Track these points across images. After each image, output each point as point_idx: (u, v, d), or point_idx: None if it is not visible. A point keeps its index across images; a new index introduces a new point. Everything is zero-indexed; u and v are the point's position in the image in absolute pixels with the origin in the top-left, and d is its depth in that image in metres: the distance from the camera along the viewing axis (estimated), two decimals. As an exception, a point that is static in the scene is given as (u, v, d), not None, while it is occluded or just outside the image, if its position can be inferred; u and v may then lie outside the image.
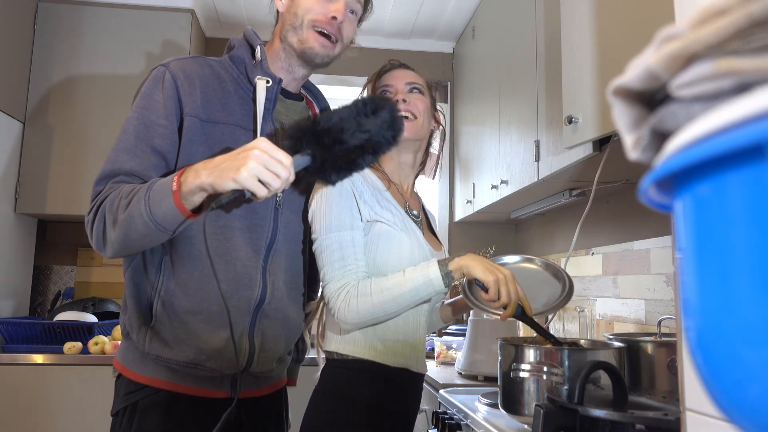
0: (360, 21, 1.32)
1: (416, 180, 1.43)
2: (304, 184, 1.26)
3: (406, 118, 1.29)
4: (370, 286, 1.15)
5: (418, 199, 1.43)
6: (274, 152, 0.97)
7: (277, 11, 1.28)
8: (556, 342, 1.32)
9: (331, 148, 1.06)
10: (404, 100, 1.30)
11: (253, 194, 0.97)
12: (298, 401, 1.55)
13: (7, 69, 2.60)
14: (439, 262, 1.17)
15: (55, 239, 3.04)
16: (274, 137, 1.19)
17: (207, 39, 3.28)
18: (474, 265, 1.16)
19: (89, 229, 1.10)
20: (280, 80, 1.22)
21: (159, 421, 1.12)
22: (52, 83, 2.79)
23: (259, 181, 0.96)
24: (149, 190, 1.02)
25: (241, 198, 0.97)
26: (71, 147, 2.76)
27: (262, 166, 0.95)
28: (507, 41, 2.40)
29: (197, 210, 1.03)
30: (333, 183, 1.16)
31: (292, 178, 0.99)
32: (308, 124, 1.07)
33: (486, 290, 1.17)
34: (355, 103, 1.10)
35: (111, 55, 2.84)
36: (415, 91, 1.34)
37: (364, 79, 3.17)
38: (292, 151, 1.05)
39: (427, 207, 1.49)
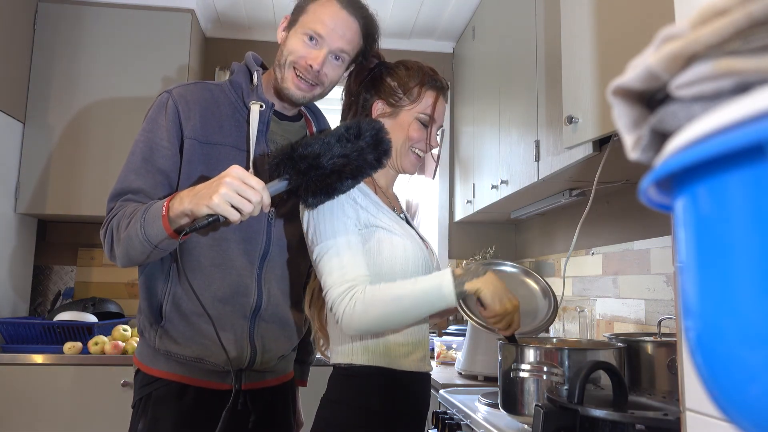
0: (364, 56, 1.33)
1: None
2: (294, 199, 1.29)
3: (420, 156, 1.32)
4: (380, 293, 1.13)
5: (397, 198, 1.43)
6: (246, 178, 1.04)
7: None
8: None
9: (307, 173, 1.10)
10: (431, 143, 1.32)
11: (226, 218, 1.04)
12: (304, 402, 1.55)
13: (7, 69, 2.60)
14: (454, 276, 1.14)
15: (55, 239, 3.04)
16: (265, 159, 1.28)
17: (207, 39, 3.28)
18: (487, 293, 1.14)
19: (103, 242, 1.21)
20: (273, 104, 1.29)
21: (170, 409, 1.23)
22: (52, 83, 2.79)
23: (233, 206, 1.03)
24: (145, 212, 1.11)
25: (216, 222, 1.04)
26: (71, 147, 2.76)
27: (233, 192, 1.02)
28: (507, 41, 2.40)
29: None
30: (310, 206, 1.18)
31: (267, 201, 1.06)
32: (287, 149, 1.12)
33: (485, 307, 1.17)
34: (338, 128, 1.14)
35: (111, 55, 2.84)
36: (441, 131, 1.37)
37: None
38: (273, 175, 1.12)
39: (412, 205, 1.49)
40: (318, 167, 1.10)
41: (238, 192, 1.02)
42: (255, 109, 1.26)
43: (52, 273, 3.03)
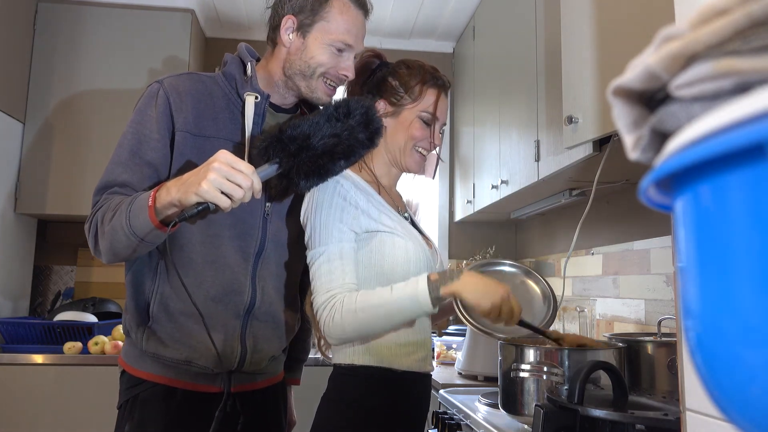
0: None
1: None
2: (293, 192, 1.28)
3: (422, 154, 1.31)
4: (355, 302, 1.12)
5: (401, 197, 1.42)
6: (235, 163, 1.00)
7: (275, 40, 1.27)
8: (557, 340, 1.31)
9: (297, 155, 1.07)
10: (435, 142, 1.32)
11: (216, 206, 1.00)
12: (303, 401, 1.55)
13: (7, 69, 2.60)
14: (430, 281, 1.11)
15: (55, 239, 3.04)
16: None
17: (207, 39, 3.28)
18: (467, 292, 1.10)
19: (87, 237, 1.17)
20: (268, 96, 1.25)
21: (157, 412, 1.20)
22: (52, 83, 2.79)
23: (223, 192, 0.99)
24: (131, 204, 1.07)
25: (206, 210, 1.01)
26: (71, 147, 2.76)
27: (223, 177, 0.99)
28: (507, 41, 2.40)
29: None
30: (303, 189, 1.16)
31: (258, 186, 1.03)
32: (275, 132, 1.09)
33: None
34: (326, 107, 1.12)
35: (111, 55, 2.84)
36: (444, 129, 1.36)
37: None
38: (262, 160, 1.09)
39: (411, 201, 1.48)
40: (308, 148, 1.07)
41: (227, 177, 0.99)
42: (250, 101, 1.22)
43: (52, 273, 3.03)
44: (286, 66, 1.25)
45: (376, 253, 1.20)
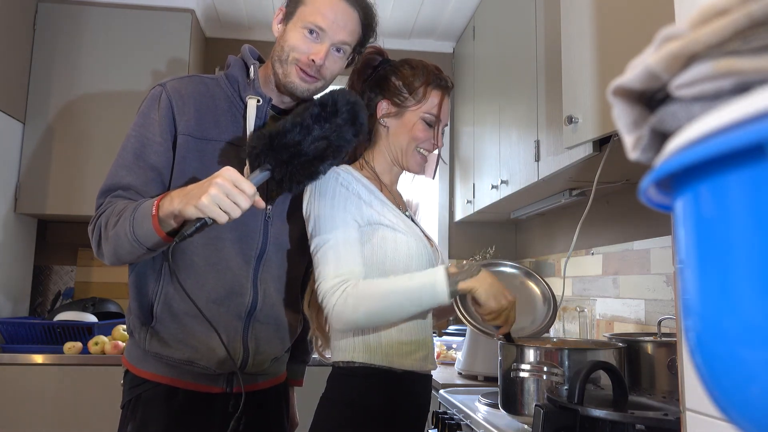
0: (362, 46, 1.30)
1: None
2: (294, 195, 1.28)
3: (423, 155, 1.31)
4: (373, 288, 1.12)
5: (401, 196, 1.42)
6: (239, 182, 1.01)
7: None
8: None
9: (290, 162, 1.08)
10: (437, 143, 1.31)
11: (214, 220, 1.01)
12: (302, 402, 1.55)
13: (7, 69, 2.60)
14: (448, 274, 1.14)
15: (55, 239, 3.04)
16: None
17: (207, 39, 3.28)
18: (482, 292, 1.14)
19: (90, 239, 1.18)
20: (270, 99, 1.25)
21: (159, 411, 1.20)
22: (52, 83, 2.79)
23: (221, 208, 1.00)
24: (135, 211, 1.08)
25: (204, 225, 1.02)
26: (71, 147, 2.76)
27: (224, 194, 1.00)
28: (507, 41, 2.40)
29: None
30: (295, 192, 1.17)
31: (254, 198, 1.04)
32: (265, 139, 1.09)
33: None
34: (313, 107, 1.11)
35: (111, 55, 2.84)
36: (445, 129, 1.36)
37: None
38: (253, 165, 1.10)
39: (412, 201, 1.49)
40: (300, 154, 1.08)
41: (228, 195, 1.00)
42: (252, 104, 1.23)
43: (52, 273, 3.03)
44: (272, 58, 1.25)
45: (378, 250, 1.20)
